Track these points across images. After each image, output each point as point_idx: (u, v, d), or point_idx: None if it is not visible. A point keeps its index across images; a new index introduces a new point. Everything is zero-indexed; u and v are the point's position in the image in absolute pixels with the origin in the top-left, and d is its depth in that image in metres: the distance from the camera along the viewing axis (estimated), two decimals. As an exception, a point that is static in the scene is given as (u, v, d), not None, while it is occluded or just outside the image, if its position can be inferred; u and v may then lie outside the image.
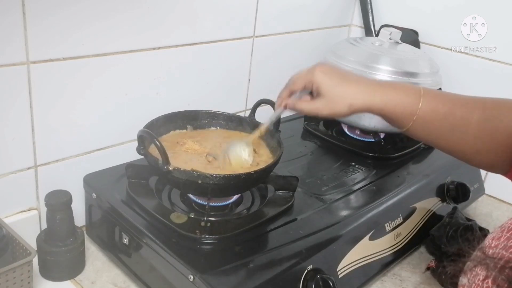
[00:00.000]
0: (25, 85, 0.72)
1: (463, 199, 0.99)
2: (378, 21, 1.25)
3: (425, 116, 0.63)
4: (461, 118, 0.62)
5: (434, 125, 0.64)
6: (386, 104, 0.63)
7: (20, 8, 0.68)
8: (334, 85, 0.64)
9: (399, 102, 0.63)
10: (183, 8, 0.89)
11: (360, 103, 0.64)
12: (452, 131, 0.63)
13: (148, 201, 0.75)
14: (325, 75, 0.65)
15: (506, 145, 0.61)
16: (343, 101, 0.64)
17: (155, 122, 0.80)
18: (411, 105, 0.63)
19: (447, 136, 0.64)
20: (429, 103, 0.63)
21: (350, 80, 0.65)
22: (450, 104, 0.63)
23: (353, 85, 0.64)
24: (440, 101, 0.64)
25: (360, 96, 0.64)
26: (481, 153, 0.64)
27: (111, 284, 0.76)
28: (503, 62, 1.08)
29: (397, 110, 0.63)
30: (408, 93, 0.64)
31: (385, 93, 0.64)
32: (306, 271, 0.68)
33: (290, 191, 0.81)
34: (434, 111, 0.63)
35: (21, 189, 0.78)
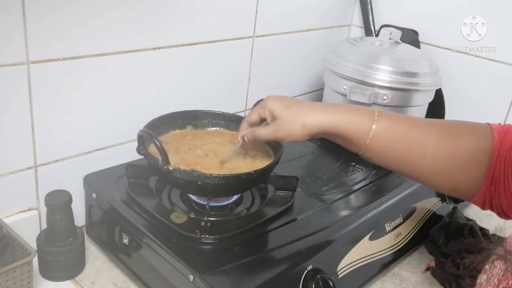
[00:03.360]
0: (25, 85, 0.72)
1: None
2: (378, 21, 1.25)
3: (380, 136, 0.62)
4: (419, 138, 0.62)
5: (390, 146, 0.63)
6: (340, 122, 0.63)
7: (20, 8, 0.68)
8: (287, 107, 0.65)
9: (353, 121, 0.63)
10: (183, 8, 0.89)
11: (313, 122, 0.64)
12: (409, 152, 0.62)
13: (148, 201, 0.75)
14: (278, 101, 0.66)
15: (468, 166, 0.60)
16: (297, 122, 0.64)
17: (155, 122, 0.80)
18: (365, 123, 0.63)
19: (405, 158, 0.63)
20: (384, 123, 0.63)
21: (303, 104, 0.66)
22: (407, 124, 0.63)
23: (305, 107, 0.65)
24: (395, 121, 0.63)
25: (313, 116, 0.64)
26: (442, 175, 0.62)
27: (111, 284, 0.76)
28: (503, 62, 1.08)
29: (352, 129, 0.63)
30: (362, 113, 0.64)
31: (338, 113, 0.64)
32: (306, 271, 0.68)
33: (290, 191, 0.81)
34: (389, 131, 0.62)
35: (21, 189, 0.78)
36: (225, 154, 0.78)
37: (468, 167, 0.60)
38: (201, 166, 0.74)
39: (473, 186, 0.60)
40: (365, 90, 0.98)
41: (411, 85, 0.98)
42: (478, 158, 0.59)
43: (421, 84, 0.99)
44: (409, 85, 0.98)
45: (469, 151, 0.60)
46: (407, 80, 0.98)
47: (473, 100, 1.14)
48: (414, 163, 0.63)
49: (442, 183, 0.63)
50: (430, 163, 0.62)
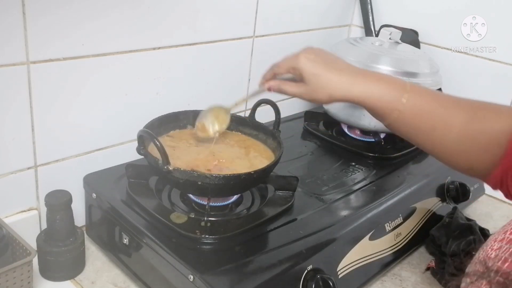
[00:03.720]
0: (25, 85, 0.72)
1: (463, 199, 0.99)
2: (378, 21, 1.25)
3: (407, 113, 0.62)
4: (445, 118, 0.62)
5: (415, 123, 0.63)
6: (367, 97, 0.63)
7: (20, 8, 0.68)
8: (317, 74, 0.64)
9: (381, 96, 0.62)
10: (183, 8, 0.89)
11: (340, 94, 0.64)
12: (433, 130, 0.62)
13: (148, 201, 0.75)
14: (309, 63, 0.64)
15: (488, 147, 0.60)
16: (324, 91, 0.64)
17: (155, 122, 0.80)
18: (393, 100, 0.62)
19: (428, 135, 0.63)
20: (413, 99, 0.62)
21: (333, 69, 0.64)
22: (435, 103, 0.63)
23: (336, 75, 0.63)
24: (425, 98, 0.63)
25: (341, 87, 0.63)
26: (461, 155, 0.63)
27: (111, 284, 0.76)
28: (503, 62, 1.08)
29: (378, 104, 0.63)
30: (392, 87, 0.63)
31: (367, 85, 0.63)
32: (306, 271, 0.68)
33: (290, 191, 0.81)
34: (417, 108, 0.62)
35: (21, 189, 0.78)
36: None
37: (488, 149, 0.60)
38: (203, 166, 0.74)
39: (490, 167, 0.60)
40: (365, 90, 0.97)
41: (411, 85, 0.98)
42: (499, 140, 0.59)
43: (421, 84, 0.98)
44: (409, 85, 0.98)
45: (492, 134, 0.60)
46: (407, 80, 0.98)
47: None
48: (437, 142, 0.63)
49: (460, 162, 0.64)
50: (452, 143, 0.62)
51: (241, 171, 0.72)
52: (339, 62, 0.66)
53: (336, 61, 0.66)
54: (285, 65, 0.67)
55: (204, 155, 0.79)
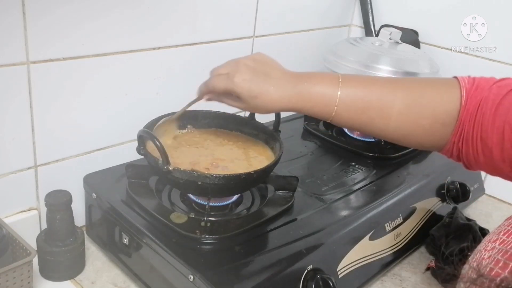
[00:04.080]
0: (25, 85, 0.72)
1: (463, 199, 0.99)
2: (378, 21, 1.25)
3: (343, 108, 0.63)
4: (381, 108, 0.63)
5: (355, 117, 0.64)
6: (303, 106, 0.64)
7: (20, 8, 0.68)
8: (254, 96, 0.64)
9: (316, 102, 0.64)
10: (183, 8, 0.89)
11: (277, 108, 0.66)
12: (373, 120, 0.63)
13: (148, 201, 0.75)
14: (245, 86, 0.64)
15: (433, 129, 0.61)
16: (263, 108, 0.66)
17: (155, 122, 0.80)
18: (329, 100, 0.63)
19: (369, 126, 0.64)
20: (347, 95, 0.63)
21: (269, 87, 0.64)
22: (369, 95, 0.63)
23: (272, 93, 0.64)
24: (358, 92, 0.63)
25: (278, 104, 0.65)
26: (407, 138, 0.64)
27: (111, 284, 0.76)
28: (503, 62, 1.08)
29: (316, 109, 0.64)
30: (325, 87, 0.63)
31: (302, 94, 0.64)
32: (306, 271, 0.68)
33: (290, 191, 0.81)
34: (352, 103, 0.63)
35: (21, 189, 0.78)
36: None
37: (432, 131, 0.61)
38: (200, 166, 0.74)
39: (440, 143, 0.62)
40: (365, 90, 0.97)
41: (411, 85, 0.98)
42: (443, 121, 0.60)
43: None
44: (409, 85, 0.98)
45: (433, 115, 0.61)
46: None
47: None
48: (379, 131, 0.65)
49: (409, 143, 0.65)
50: (394, 129, 0.63)
51: (240, 171, 0.72)
52: (275, 74, 0.66)
53: (272, 73, 0.66)
54: (220, 87, 0.67)
55: (204, 155, 0.79)
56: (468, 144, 0.59)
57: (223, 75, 0.67)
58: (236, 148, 0.83)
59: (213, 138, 0.85)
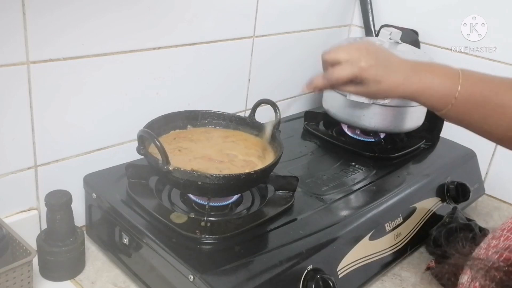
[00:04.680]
0: (25, 85, 0.72)
1: (463, 199, 0.99)
2: (378, 21, 1.25)
3: (460, 104, 0.63)
4: (498, 106, 0.63)
5: (469, 113, 0.64)
6: (422, 94, 0.65)
7: (20, 7, 0.68)
8: (379, 81, 0.65)
9: (434, 92, 0.64)
10: (183, 8, 0.89)
11: (397, 95, 0.67)
12: (487, 118, 0.63)
13: (148, 201, 0.75)
14: (372, 71, 0.65)
15: None
16: (383, 94, 0.68)
17: (155, 122, 0.80)
18: (446, 94, 0.63)
19: (482, 123, 0.64)
20: (465, 91, 0.63)
21: (391, 72, 0.65)
22: (488, 91, 0.63)
23: (394, 78, 0.65)
24: (477, 88, 0.64)
25: (398, 90, 0.66)
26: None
27: (111, 284, 0.76)
28: (503, 62, 1.08)
29: (432, 99, 0.65)
30: (445, 81, 0.64)
31: (421, 83, 0.64)
32: (306, 271, 0.68)
33: (290, 191, 0.81)
34: (470, 99, 0.63)
35: (21, 189, 0.78)
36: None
37: None
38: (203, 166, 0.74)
39: None
40: (365, 90, 0.97)
41: (411, 85, 0.98)
42: None
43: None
44: (409, 85, 0.98)
45: None
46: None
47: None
48: (491, 129, 0.64)
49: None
50: (505, 129, 0.63)
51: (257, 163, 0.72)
52: (394, 61, 0.67)
53: (391, 60, 0.67)
54: (345, 76, 0.66)
55: (214, 151, 0.80)
56: None
57: (346, 63, 0.66)
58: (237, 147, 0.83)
59: (213, 138, 0.85)
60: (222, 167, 0.76)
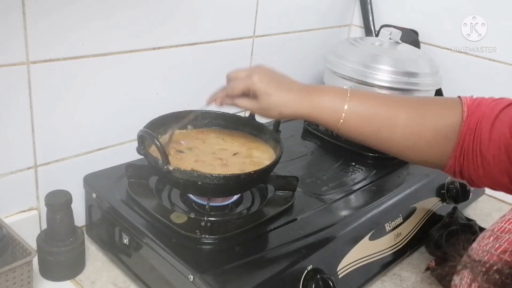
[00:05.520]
0: (25, 85, 0.72)
1: (463, 199, 0.99)
2: (378, 21, 1.25)
3: (351, 120, 0.67)
4: (387, 119, 0.66)
5: (361, 127, 0.67)
6: (312, 112, 0.68)
7: (20, 8, 0.68)
8: (270, 94, 0.69)
9: (324, 110, 0.67)
10: (183, 8, 0.89)
11: (289, 111, 0.69)
12: (378, 132, 0.67)
13: (148, 201, 0.75)
14: (263, 84, 0.69)
15: (435, 142, 0.64)
16: (275, 109, 0.69)
17: (155, 122, 0.80)
18: (336, 110, 0.67)
19: (374, 137, 0.67)
20: (354, 107, 0.67)
21: (284, 89, 0.69)
22: (376, 107, 0.67)
23: (286, 95, 0.69)
24: (365, 104, 0.67)
25: (290, 105, 0.69)
26: (411, 150, 0.67)
27: (111, 284, 0.76)
28: (503, 62, 1.08)
29: (324, 117, 0.68)
30: (333, 99, 0.67)
31: (312, 101, 0.68)
32: (306, 271, 0.68)
33: (290, 191, 0.81)
34: (359, 114, 0.67)
35: (21, 189, 0.78)
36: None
37: (435, 143, 0.64)
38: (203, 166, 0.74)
39: (442, 159, 0.64)
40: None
41: (411, 85, 0.98)
42: (445, 134, 0.63)
43: (421, 84, 0.99)
44: (409, 85, 0.98)
45: (436, 128, 0.64)
46: (407, 80, 0.98)
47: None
48: (384, 142, 0.68)
49: (413, 157, 0.68)
50: (399, 141, 0.66)
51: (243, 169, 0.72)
52: (287, 82, 0.71)
53: (285, 80, 0.71)
54: (239, 87, 0.71)
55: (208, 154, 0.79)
56: (468, 158, 0.61)
57: (240, 76, 0.72)
58: (238, 147, 0.83)
59: (213, 138, 0.85)
60: (222, 166, 0.76)
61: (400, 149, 0.67)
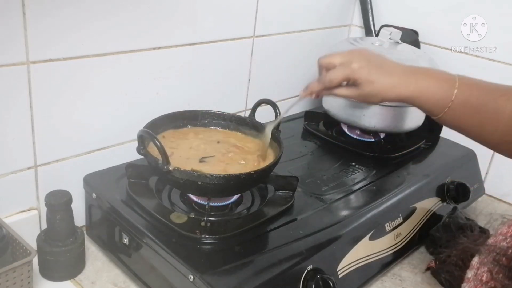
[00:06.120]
0: (25, 85, 0.72)
1: (463, 199, 0.99)
2: (378, 21, 1.25)
3: (456, 109, 0.64)
4: (493, 111, 0.63)
5: (465, 117, 0.64)
6: (417, 97, 0.65)
7: (20, 8, 0.68)
8: (372, 81, 0.66)
9: (431, 95, 0.64)
10: (183, 8, 0.89)
11: (392, 97, 0.66)
12: (482, 124, 0.64)
13: (148, 201, 0.75)
14: (364, 71, 0.66)
15: None
16: (378, 95, 0.67)
17: (155, 122, 0.80)
18: (443, 97, 0.64)
19: (477, 128, 0.65)
20: (462, 95, 0.63)
21: (385, 74, 0.66)
22: (484, 97, 0.64)
23: (388, 79, 0.66)
24: (474, 93, 0.64)
25: (393, 91, 0.66)
26: (510, 145, 0.64)
27: (111, 284, 0.76)
28: (503, 62, 1.08)
29: (429, 103, 0.65)
30: (441, 85, 0.64)
31: (417, 85, 0.65)
32: (306, 271, 0.68)
33: (290, 191, 0.81)
34: (466, 104, 0.63)
35: (21, 189, 0.78)
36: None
37: None
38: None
39: None
40: (365, 90, 0.97)
41: (411, 85, 0.98)
42: None
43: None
44: (409, 85, 0.98)
45: None
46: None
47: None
48: (486, 135, 0.65)
49: (511, 152, 0.65)
50: (500, 135, 0.64)
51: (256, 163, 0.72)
52: (388, 64, 0.68)
53: (386, 63, 0.68)
54: (339, 77, 0.68)
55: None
56: None
57: (340, 66, 0.67)
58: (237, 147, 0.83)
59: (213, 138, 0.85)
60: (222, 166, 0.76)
61: (499, 143, 0.65)
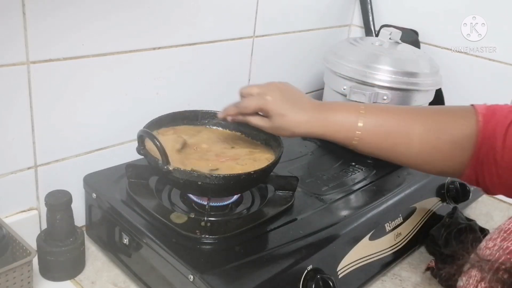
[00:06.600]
0: (25, 85, 0.72)
1: (463, 199, 0.99)
2: (378, 21, 1.25)
3: (368, 136, 0.66)
4: (403, 134, 0.66)
5: (376, 144, 0.67)
6: (326, 131, 0.68)
7: (20, 8, 0.68)
8: (283, 115, 0.69)
9: (339, 128, 0.67)
10: (183, 8, 0.89)
11: (302, 131, 0.69)
12: (395, 146, 0.66)
13: (148, 201, 0.75)
14: (277, 104, 0.69)
15: (452, 153, 0.63)
16: (288, 130, 0.69)
17: (155, 122, 0.80)
18: (352, 127, 0.66)
19: (391, 152, 0.67)
20: (368, 123, 0.66)
21: (297, 109, 0.69)
22: (391, 121, 0.66)
23: (299, 115, 0.68)
24: (380, 119, 0.67)
25: (303, 126, 0.69)
26: (428, 163, 0.66)
27: (111, 284, 0.76)
28: (503, 62, 1.08)
29: (340, 135, 0.68)
30: (348, 117, 0.67)
31: (326, 120, 0.68)
32: (306, 271, 0.68)
33: (290, 191, 0.81)
34: (374, 131, 0.66)
35: (21, 189, 0.78)
36: None
37: (452, 155, 0.64)
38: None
39: (459, 169, 0.64)
40: (365, 90, 0.97)
41: (411, 85, 0.98)
42: (462, 145, 0.62)
43: (421, 84, 0.99)
44: (409, 85, 0.98)
45: (452, 140, 0.63)
46: (407, 80, 0.98)
47: (473, 100, 1.13)
48: (401, 156, 0.67)
49: (429, 169, 0.68)
50: (415, 154, 0.66)
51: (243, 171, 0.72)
52: (302, 100, 0.70)
53: (299, 99, 0.71)
54: (252, 106, 0.71)
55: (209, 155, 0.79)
56: (484, 167, 0.61)
57: (255, 96, 0.71)
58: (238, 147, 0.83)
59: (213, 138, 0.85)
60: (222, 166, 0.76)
61: (417, 162, 0.67)
